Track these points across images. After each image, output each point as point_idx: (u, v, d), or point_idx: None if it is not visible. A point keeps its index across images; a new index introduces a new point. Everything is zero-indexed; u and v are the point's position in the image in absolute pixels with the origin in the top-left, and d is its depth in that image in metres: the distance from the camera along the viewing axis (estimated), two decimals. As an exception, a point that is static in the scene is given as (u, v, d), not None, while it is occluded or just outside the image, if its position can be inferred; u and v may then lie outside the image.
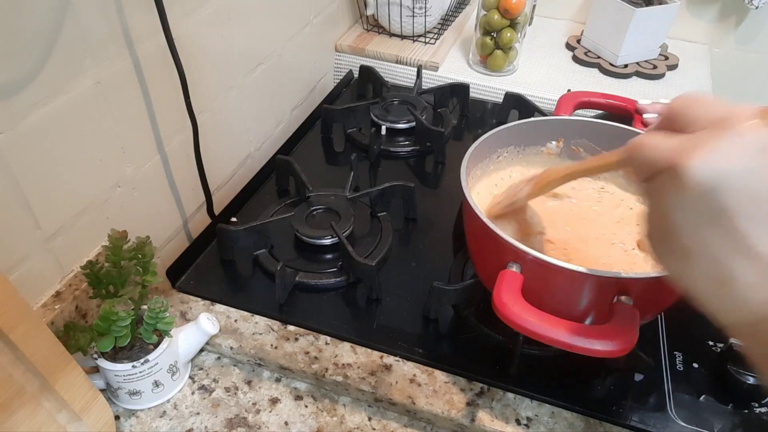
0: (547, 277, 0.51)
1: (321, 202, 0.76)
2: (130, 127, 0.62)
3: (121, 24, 0.57)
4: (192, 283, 0.68)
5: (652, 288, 0.49)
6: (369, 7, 1.13)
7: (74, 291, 0.57)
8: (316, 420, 0.57)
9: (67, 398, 0.46)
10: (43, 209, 0.53)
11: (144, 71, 0.61)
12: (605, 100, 0.79)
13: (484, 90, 1.07)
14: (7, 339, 0.40)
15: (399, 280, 0.69)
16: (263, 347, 0.61)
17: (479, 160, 0.65)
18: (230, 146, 0.84)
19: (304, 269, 0.68)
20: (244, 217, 0.78)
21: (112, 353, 0.53)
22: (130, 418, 0.56)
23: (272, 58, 0.89)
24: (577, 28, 1.25)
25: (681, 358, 0.60)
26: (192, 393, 0.59)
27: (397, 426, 0.57)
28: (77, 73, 0.53)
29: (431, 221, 0.78)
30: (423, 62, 1.09)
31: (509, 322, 0.48)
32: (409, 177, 0.87)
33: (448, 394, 0.56)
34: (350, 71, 1.13)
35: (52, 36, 0.50)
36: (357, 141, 0.93)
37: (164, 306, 0.53)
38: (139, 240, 0.54)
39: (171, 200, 0.73)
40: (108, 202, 0.61)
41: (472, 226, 0.57)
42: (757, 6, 1.13)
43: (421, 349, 0.61)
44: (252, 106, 0.86)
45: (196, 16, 0.68)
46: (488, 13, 1.02)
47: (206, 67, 0.72)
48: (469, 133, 0.98)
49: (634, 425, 0.54)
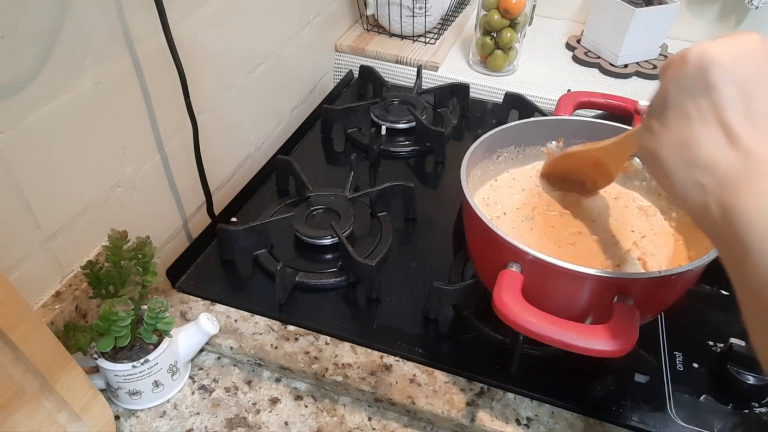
0: (547, 277, 0.51)
1: (321, 202, 0.76)
2: (130, 127, 0.62)
3: (121, 24, 0.57)
4: (192, 283, 0.68)
5: (652, 288, 0.49)
6: (369, 7, 1.13)
7: (74, 291, 0.57)
8: (316, 420, 0.57)
9: (67, 398, 0.46)
10: (43, 209, 0.53)
11: (144, 71, 0.61)
12: (605, 100, 0.79)
13: (484, 90, 1.07)
14: (7, 339, 0.40)
15: (399, 280, 0.69)
16: (263, 347, 0.61)
17: (479, 160, 0.65)
18: (230, 146, 0.84)
19: (304, 269, 0.68)
20: (244, 217, 0.78)
21: (112, 353, 0.53)
22: (130, 418, 0.56)
23: (272, 58, 0.89)
24: (577, 28, 1.25)
25: (681, 358, 0.60)
26: (192, 393, 0.59)
27: (397, 426, 0.57)
28: (77, 73, 0.53)
29: (431, 221, 0.78)
30: (423, 62, 1.09)
31: (509, 322, 0.48)
32: (409, 177, 0.87)
33: (448, 394, 0.56)
34: (350, 71, 1.13)
35: (52, 36, 0.50)
36: (357, 141, 0.93)
37: (164, 306, 0.53)
38: (139, 240, 0.54)
39: (171, 200, 0.73)
40: (108, 202, 0.61)
41: (472, 226, 0.57)
42: (757, 6, 1.13)
43: (421, 349, 0.61)
44: (252, 106, 0.86)
45: (196, 16, 0.68)
46: (488, 13, 1.02)
47: (206, 67, 0.72)
48: (469, 133, 0.98)
49: (634, 425, 0.54)
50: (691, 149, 0.33)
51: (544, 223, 0.62)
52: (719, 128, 0.32)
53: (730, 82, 0.32)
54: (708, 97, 0.33)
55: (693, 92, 0.34)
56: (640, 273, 0.48)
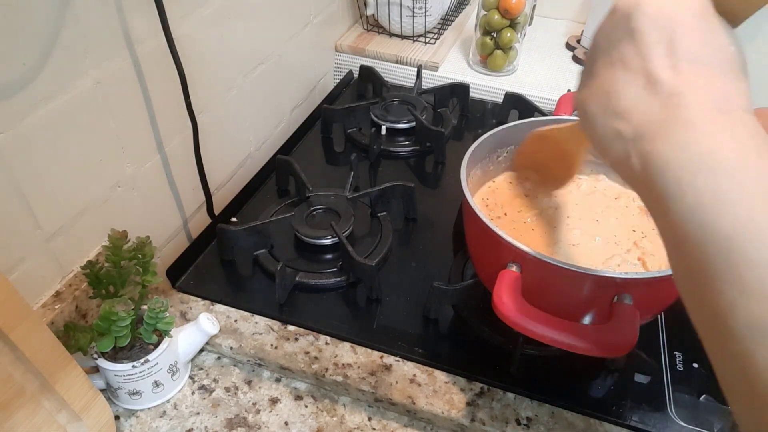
0: (547, 277, 0.51)
1: (321, 202, 0.76)
2: (130, 127, 0.62)
3: (121, 24, 0.57)
4: (192, 283, 0.68)
5: (652, 288, 0.49)
6: (369, 7, 1.13)
7: (74, 291, 0.57)
8: (316, 420, 0.57)
9: (67, 398, 0.46)
10: (43, 209, 0.53)
11: (144, 71, 0.61)
12: (605, 100, 0.79)
13: (484, 90, 1.07)
14: (7, 339, 0.40)
15: (399, 280, 0.69)
16: (263, 347, 0.61)
17: (479, 160, 0.65)
18: (230, 146, 0.84)
19: (304, 269, 0.68)
20: (244, 217, 0.78)
21: (112, 353, 0.53)
22: (130, 418, 0.56)
23: (272, 58, 0.89)
24: (577, 28, 1.25)
25: (681, 358, 0.60)
26: (192, 393, 0.59)
27: (397, 426, 0.57)
28: (77, 73, 0.53)
29: (431, 221, 0.78)
30: (423, 62, 1.09)
31: (509, 322, 0.48)
32: (409, 177, 0.87)
33: (448, 394, 0.56)
34: (350, 71, 1.13)
35: (52, 36, 0.50)
36: (357, 141, 0.93)
37: (164, 306, 0.53)
38: (139, 240, 0.54)
39: (171, 200, 0.73)
40: (108, 202, 0.61)
41: (472, 226, 0.57)
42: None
43: (421, 349, 0.61)
44: (252, 106, 0.86)
45: (196, 16, 0.68)
46: (488, 13, 1.02)
47: (206, 67, 0.72)
48: (469, 133, 0.98)
49: (634, 425, 0.54)
50: (612, 97, 0.32)
51: (545, 223, 0.62)
52: (641, 74, 0.31)
53: (653, 26, 0.31)
54: (631, 43, 0.31)
55: (618, 39, 0.32)
56: (640, 273, 0.48)
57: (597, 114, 0.33)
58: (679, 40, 0.30)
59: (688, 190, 0.27)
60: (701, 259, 0.26)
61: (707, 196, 0.26)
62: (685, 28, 0.30)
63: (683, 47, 0.30)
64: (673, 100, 0.29)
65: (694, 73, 0.29)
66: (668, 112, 0.29)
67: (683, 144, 0.28)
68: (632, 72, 0.31)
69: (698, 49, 0.30)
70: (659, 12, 0.31)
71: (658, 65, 0.30)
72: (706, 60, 0.29)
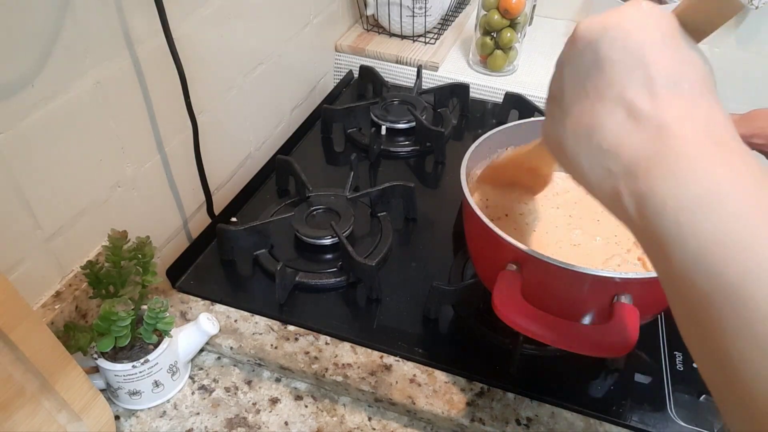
0: (546, 277, 0.51)
1: (321, 202, 0.76)
2: (130, 127, 0.62)
3: (121, 24, 0.57)
4: (192, 283, 0.68)
5: (652, 288, 0.49)
6: (369, 7, 1.13)
7: (74, 291, 0.57)
8: (316, 420, 0.57)
9: (67, 398, 0.46)
10: (43, 209, 0.53)
11: (144, 71, 0.61)
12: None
13: (484, 90, 1.07)
14: (7, 339, 0.40)
15: (399, 280, 0.69)
16: (263, 347, 0.61)
17: (479, 160, 0.65)
18: (230, 146, 0.84)
19: (304, 269, 0.68)
20: (244, 217, 0.78)
21: (112, 353, 0.53)
22: (130, 418, 0.56)
23: (272, 58, 0.89)
24: (577, 28, 1.25)
25: (681, 358, 0.60)
26: (192, 393, 0.59)
27: (397, 426, 0.57)
28: (77, 73, 0.53)
29: (431, 221, 0.78)
30: (423, 62, 1.09)
31: (509, 322, 0.48)
32: (409, 177, 0.87)
33: (448, 394, 0.56)
34: (350, 71, 1.13)
35: (52, 36, 0.50)
36: (357, 141, 0.93)
37: (164, 306, 0.53)
38: (139, 240, 0.54)
39: (171, 200, 0.73)
40: (108, 202, 0.61)
41: (472, 226, 0.57)
42: (757, 6, 1.11)
43: (421, 349, 0.61)
44: (252, 106, 0.86)
45: (196, 16, 0.68)
46: (488, 13, 1.02)
47: (206, 67, 0.72)
48: (469, 133, 0.98)
49: (634, 425, 0.54)
50: (595, 133, 0.30)
51: (546, 223, 0.62)
52: (619, 105, 0.28)
53: (622, 52, 0.29)
54: (602, 72, 0.29)
55: (586, 70, 0.30)
56: (640, 273, 0.48)
57: (580, 153, 0.31)
58: (653, 63, 0.28)
59: (690, 234, 0.24)
60: (708, 308, 0.24)
61: (712, 240, 0.24)
62: (655, 51, 0.28)
63: (658, 71, 0.28)
64: (661, 132, 0.27)
65: (675, 99, 0.27)
66: (658, 145, 0.27)
67: (681, 182, 0.25)
68: (610, 103, 0.29)
69: (674, 72, 0.28)
70: (627, 36, 0.29)
71: (636, 94, 0.28)
72: (684, 83, 0.28)
